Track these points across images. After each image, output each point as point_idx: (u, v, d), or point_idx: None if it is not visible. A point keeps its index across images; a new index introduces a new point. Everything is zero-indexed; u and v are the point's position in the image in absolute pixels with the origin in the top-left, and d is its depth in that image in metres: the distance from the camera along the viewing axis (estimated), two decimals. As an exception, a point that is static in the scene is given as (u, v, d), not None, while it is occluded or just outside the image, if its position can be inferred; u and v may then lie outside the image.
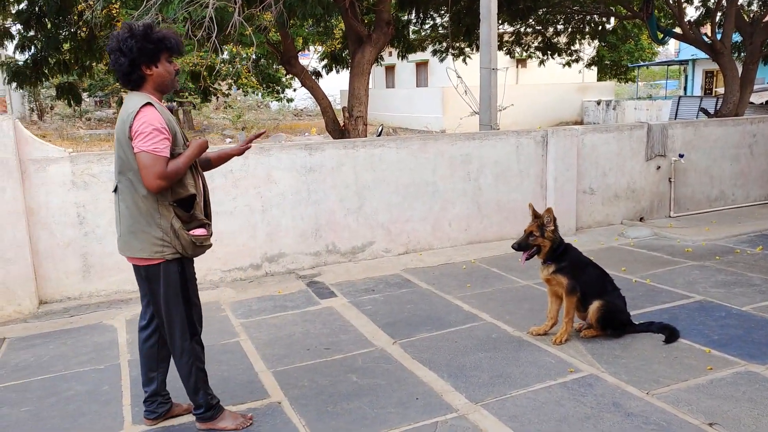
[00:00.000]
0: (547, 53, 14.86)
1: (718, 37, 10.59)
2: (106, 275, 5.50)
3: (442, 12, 12.37)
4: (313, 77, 11.51)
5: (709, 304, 4.84)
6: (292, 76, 13.87)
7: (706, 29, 11.72)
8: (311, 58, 15.49)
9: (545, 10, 12.47)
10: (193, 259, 3.17)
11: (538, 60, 15.70)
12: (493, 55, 7.94)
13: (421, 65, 30.28)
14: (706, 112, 12.52)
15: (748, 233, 7.09)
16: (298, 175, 6.11)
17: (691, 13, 14.53)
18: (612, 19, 14.28)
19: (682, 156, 7.92)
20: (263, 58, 14.95)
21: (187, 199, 3.05)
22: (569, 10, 12.72)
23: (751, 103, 14.75)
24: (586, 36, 14.63)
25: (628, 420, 3.20)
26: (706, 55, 11.53)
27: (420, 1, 10.94)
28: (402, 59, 13.46)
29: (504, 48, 14.91)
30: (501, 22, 12.17)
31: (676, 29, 11.72)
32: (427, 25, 13.59)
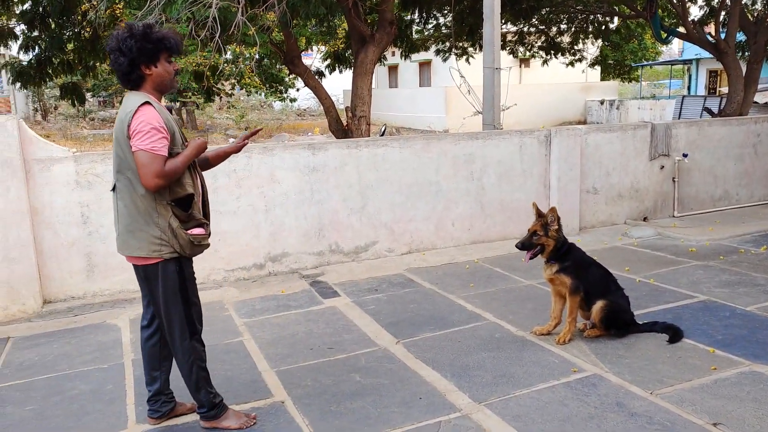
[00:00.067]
0: (551, 53, 14.85)
1: (722, 36, 10.57)
2: (109, 275, 5.51)
3: (445, 12, 12.37)
4: (316, 77, 11.51)
5: (713, 304, 4.83)
6: (295, 75, 13.87)
7: (710, 28, 11.71)
8: (314, 58, 15.48)
9: (548, 9, 12.45)
10: (191, 259, 3.17)
11: (541, 59, 15.69)
12: (496, 54, 7.94)
13: (424, 65, 30.28)
14: (710, 111, 12.49)
15: (752, 233, 7.07)
16: (302, 175, 6.11)
17: (695, 13, 14.51)
18: (615, 18, 14.26)
19: (685, 156, 7.90)
20: (266, 58, 14.99)
21: (185, 198, 3.04)
22: (572, 10, 12.70)
23: (755, 102, 14.69)
24: (590, 35, 14.61)
25: (631, 420, 3.19)
26: (710, 55, 11.52)
27: (423, 1, 10.94)
28: (405, 59, 13.46)
29: (507, 47, 14.89)
30: (504, 21, 12.15)
31: (680, 28, 11.69)
32: (430, 25, 13.59)
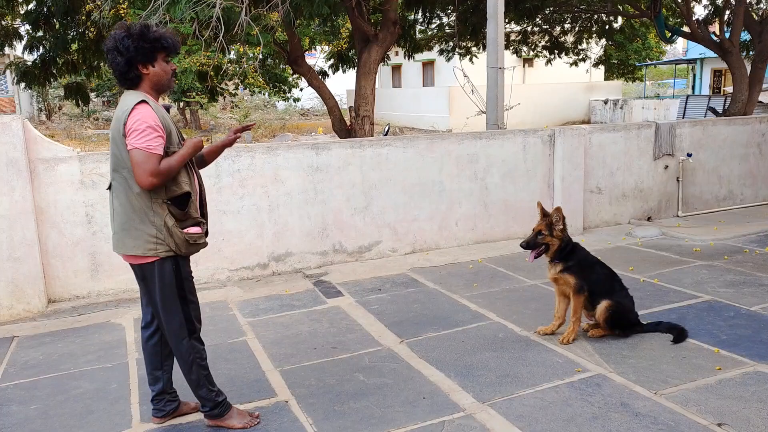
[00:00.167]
0: (554, 52, 14.83)
1: (727, 35, 10.54)
2: (114, 274, 5.53)
3: (449, 11, 12.36)
4: (320, 77, 11.50)
5: (718, 304, 4.82)
6: (298, 75, 13.89)
7: (715, 28, 11.66)
8: (318, 58, 15.48)
9: (552, 9, 12.43)
10: (188, 258, 3.16)
11: (545, 59, 15.67)
12: (500, 54, 7.92)
13: (428, 65, 30.25)
14: (714, 111, 12.47)
15: (756, 233, 7.05)
16: (305, 175, 6.12)
17: (699, 12, 14.47)
18: (619, 17, 14.24)
19: (690, 155, 7.88)
20: (270, 58, 14.98)
21: (181, 197, 3.04)
22: (576, 9, 12.68)
23: (760, 102, 14.65)
24: (594, 35, 14.59)
25: (636, 420, 3.19)
26: (715, 54, 11.47)
27: (426, 1, 10.93)
28: (408, 59, 13.44)
29: (511, 47, 14.87)
30: (508, 21, 12.14)
31: (684, 28, 11.68)
32: (433, 25, 13.57)
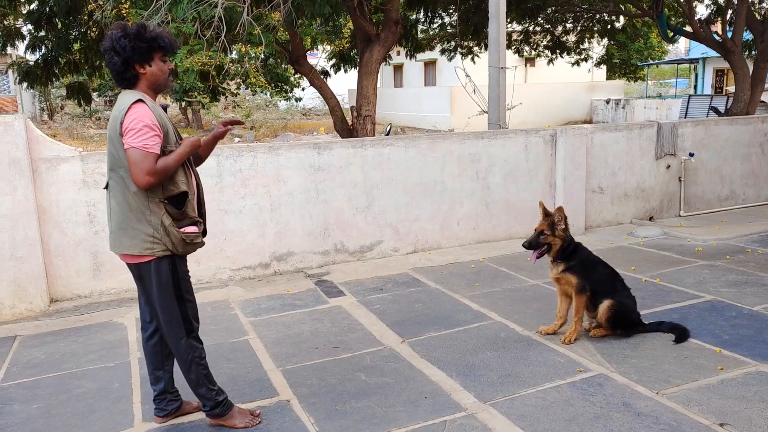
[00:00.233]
0: (556, 52, 14.82)
1: (729, 35, 10.53)
2: (116, 273, 5.53)
3: (451, 11, 12.35)
4: (322, 76, 11.52)
5: (720, 304, 4.81)
6: (300, 75, 13.89)
7: (717, 27, 11.65)
8: (320, 58, 15.49)
9: (554, 8, 12.43)
10: (185, 257, 3.16)
11: (546, 59, 15.66)
12: (501, 53, 7.92)
13: (430, 64, 30.24)
14: (716, 110, 12.46)
15: (759, 233, 7.04)
16: (307, 174, 6.12)
17: (702, 11, 14.46)
18: (621, 17, 14.22)
19: (692, 155, 7.87)
20: (272, 58, 14.98)
21: (178, 196, 3.04)
22: (578, 9, 12.68)
23: (762, 101, 14.63)
24: (595, 35, 14.58)
25: (638, 420, 3.18)
26: (717, 54, 11.47)
27: (428, 0, 10.93)
28: (410, 58, 13.45)
29: (513, 47, 14.87)
30: (509, 20, 12.14)
31: (687, 27, 11.67)
32: (435, 24, 13.57)
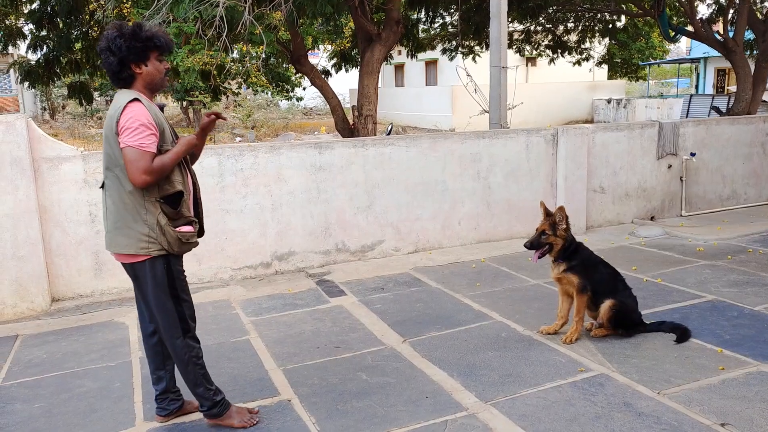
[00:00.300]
0: (557, 51, 14.81)
1: (731, 34, 10.52)
2: (117, 273, 5.52)
3: (452, 10, 12.35)
4: (323, 76, 11.51)
5: (721, 304, 4.81)
6: (301, 74, 13.89)
7: (718, 27, 11.65)
8: (321, 57, 15.50)
9: (555, 8, 12.42)
10: (181, 257, 3.15)
11: (548, 58, 15.65)
12: (503, 53, 7.91)
13: (431, 64, 30.22)
14: (718, 110, 12.43)
15: (760, 232, 7.03)
16: (308, 174, 6.12)
17: (703, 11, 14.45)
18: (623, 16, 14.20)
19: (693, 155, 7.87)
20: (273, 57, 14.98)
21: (174, 195, 3.03)
22: (579, 8, 12.67)
23: (764, 101, 14.61)
24: (597, 34, 14.56)
25: (639, 420, 3.18)
26: (719, 53, 11.45)
27: (429, 0, 10.92)
28: (411, 58, 13.44)
29: (514, 46, 14.86)
30: (511, 20, 12.13)
31: (688, 27, 11.65)
32: (436, 24, 13.56)
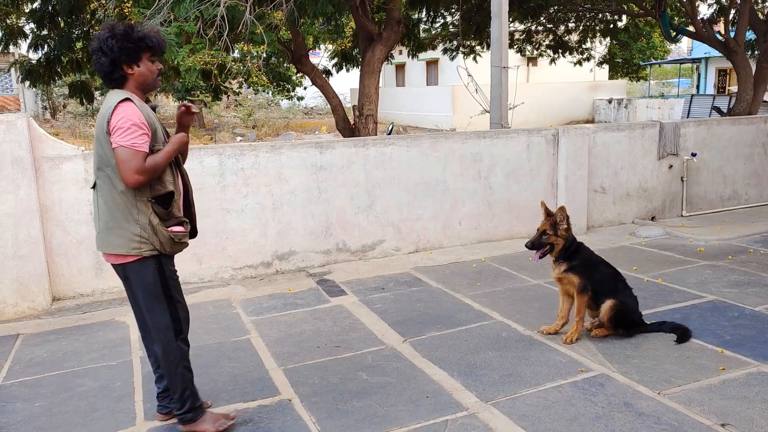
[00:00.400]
0: (558, 51, 14.80)
1: (732, 35, 10.51)
2: (118, 272, 5.54)
3: (453, 10, 12.35)
4: (324, 76, 11.51)
5: (722, 304, 4.81)
6: (302, 74, 13.89)
7: (720, 27, 11.64)
8: (322, 57, 15.50)
9: (556, 8, 12.41)
10: (172, 257, 3.14)
11: (549, 58, 15.64)
12: (504, 53, 7.91)
13: (432, 64, 30.21)
14: (719, 110, 12.43)
15: (761, 233, 7.02)
16: (309, 174, 6.12)
17: (704, 11, 14.42)
18: (624, 17, 14.20)
19: (694, 155, 7.86)
20: (274, 57, 14.98)
21: (165, 196, 3.03)
22: (581, 8, 12.66)
23: (765, 101, 14.59)
24: (598, 34, 14.55)
25: (639, 420, 3.18)
26: (720, 54, 11.44)
27: (431, 0, 10.92)
28: (412, 58, 13.45)
29: (515, 46, 14.86)
30: (512, 20, 12.12)
31: (689, 27, 11.64)
32: (437, 24, 13.56)
